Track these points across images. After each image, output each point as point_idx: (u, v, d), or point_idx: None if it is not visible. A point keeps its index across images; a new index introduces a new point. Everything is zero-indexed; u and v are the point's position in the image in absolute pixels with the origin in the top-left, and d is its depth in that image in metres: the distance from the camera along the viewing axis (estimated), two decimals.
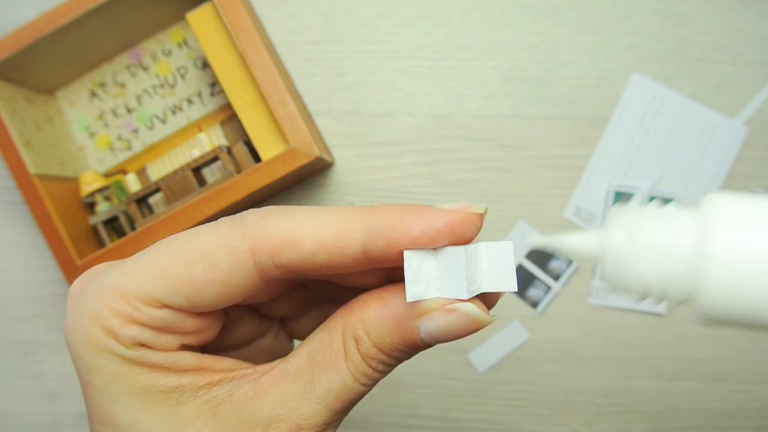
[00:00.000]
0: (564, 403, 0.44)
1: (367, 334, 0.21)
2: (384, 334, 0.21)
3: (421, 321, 0.21)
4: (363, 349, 0.21)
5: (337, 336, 0.21)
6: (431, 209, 0.20)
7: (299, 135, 0.39)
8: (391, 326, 0.21)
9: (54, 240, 0.41)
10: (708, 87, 0.44)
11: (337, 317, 0.22)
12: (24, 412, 0.47)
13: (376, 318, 0.21)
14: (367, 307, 0.21)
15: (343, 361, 0.21)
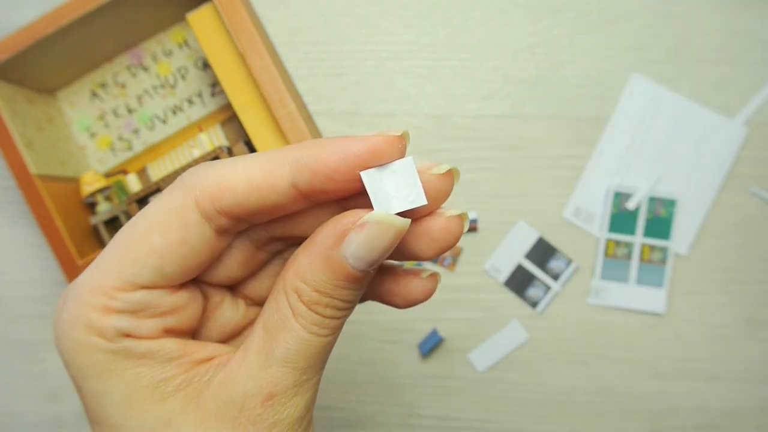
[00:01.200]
0: (563, 402, 0.44)
1: (304, 282, 0.21)
2: (318, 274, 0.21)
3: (342, 247, 0.21)
4: (305, 299, 0.21)
5: (282, 296, 0.22)
6: (351, 138, 0.21)
7: (299, 135, 0.39)
8: (320, 264, 0.21)
9: (55, 240, 0.41)
10: (707, 87, 0.44)
11: (279, 279, 0.22)
12: (25, 411, 0.48)
13: (307, 263, 0.21)
14: (298, 256, 0.22)
15: (291, 318, 0.21)
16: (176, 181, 0.22)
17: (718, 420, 0.43)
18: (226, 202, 0.21)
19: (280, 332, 0.21)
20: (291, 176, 0.21)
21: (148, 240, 0.21)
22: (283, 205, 0.21)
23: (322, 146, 0.21)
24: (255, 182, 0.21)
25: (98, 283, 0.21)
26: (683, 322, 0.44)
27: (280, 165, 0.21)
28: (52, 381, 0.47)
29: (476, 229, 0.45)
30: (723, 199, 0.44)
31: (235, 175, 0.21)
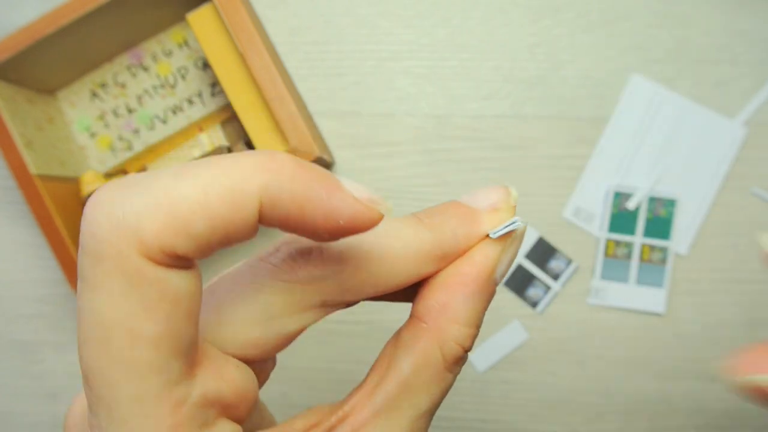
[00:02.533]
0: (563, 402, 0.44)
1: (467, 325, 0.20)
2: (478, 309, 0.20)
3: (497, 270, 0.20)
4: (468, 343, 0.20)
5: (432, 352, 0.20)
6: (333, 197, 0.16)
7: (299, 135, 0.39)
8: (480, 297, 0.20)
9: (55, 240, 0.41)
10: (707, 87, 0.44)
11: (412, 340, 0.20)
12: (25, 411, 0.48)
13: (463, 303, 0.20)
14: (449, 305, 0.20)
15: (443, 370, 0.20)
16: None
17: (718, 420, 0.43)
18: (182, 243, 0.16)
19: (426, 386, 0.20)
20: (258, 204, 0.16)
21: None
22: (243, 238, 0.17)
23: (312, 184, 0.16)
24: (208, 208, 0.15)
25: None
26: (683, 322, 0.44)
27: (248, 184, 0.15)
28: (52, 381, 0.47)
29: None
30: (723, 199, 0.44)
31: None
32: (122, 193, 0.15)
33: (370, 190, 0.17)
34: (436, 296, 0.20)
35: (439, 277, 0.20)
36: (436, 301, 0.20)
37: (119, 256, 0.14)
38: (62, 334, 0.47)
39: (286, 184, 0.16)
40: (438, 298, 0.20)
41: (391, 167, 0.46)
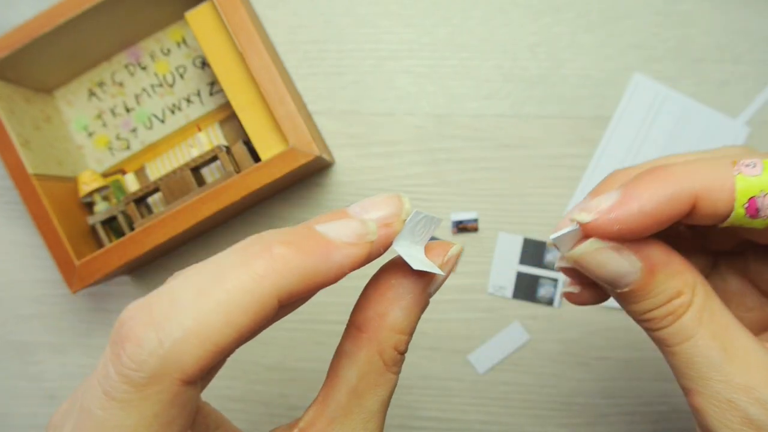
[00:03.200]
0: (565, 404, 0.44)
1: (404, 333, 0.22)
2: (414, 320, 0.22)
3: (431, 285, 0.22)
4: (403, 347, 0.22)
5: (373, 357, 0.22)
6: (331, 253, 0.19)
7: (299, 134, 0.39)
8: (416, 309, 0.22)
9: (52, 240, 0.40)
10: (709, 86, 0.44)
11: (354, 349, 0.22)
12: (22, 413, 0.47)
13: (402, 316, 0.22)
14: (386, 315, 0.22)
15: (386, 372, 0.22)
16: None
17: None
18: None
19: (372, 389, 0.22)
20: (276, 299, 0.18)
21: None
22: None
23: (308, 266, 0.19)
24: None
25: None
26: None
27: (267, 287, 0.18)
28: (49, 382, 0.47)
29: (477, 228, 0.45)
30: None
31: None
32: (154, 320, 0.17)
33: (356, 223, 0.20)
34: (374, 307, 0.22)
35: (376, 289, 0.22)
36: (375, 312, 0.22)
37: (162, 385, 0.17)
38: (60, 335, 0.47)
39: (295, 277, 0.18)
40: (376, 309, 0.22)
41: (390, 166, 0.45)
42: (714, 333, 0.21)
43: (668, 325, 0.21)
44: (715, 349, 0.21)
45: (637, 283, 0.21)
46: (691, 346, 0.21)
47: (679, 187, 0.20)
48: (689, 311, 0.21)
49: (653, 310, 0.21)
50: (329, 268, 0.19)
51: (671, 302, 0.21)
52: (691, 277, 0.21)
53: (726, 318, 0.21)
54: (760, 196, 0.20)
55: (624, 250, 0.21)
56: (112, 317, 0.47)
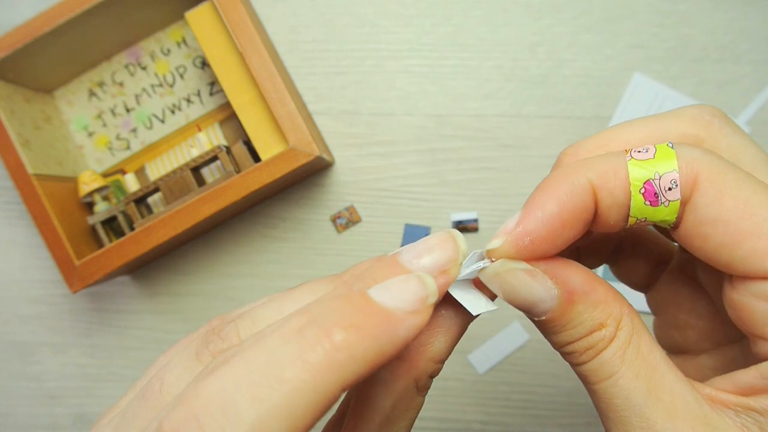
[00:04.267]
0: (565, 404, 0.44)
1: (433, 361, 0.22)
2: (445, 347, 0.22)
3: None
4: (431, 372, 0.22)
5: (410, 385, 0.22)
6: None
7: (299, 134, 0.39)
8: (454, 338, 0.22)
9: (52, 240, 0.40)
10: (709, 86, 0.44)
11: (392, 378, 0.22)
12: (23, 413, 0.47)
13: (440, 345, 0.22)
14: (428, 345, 0.21)
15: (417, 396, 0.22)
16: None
17: None
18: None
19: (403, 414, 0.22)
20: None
21: None
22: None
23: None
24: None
25: None
26: None
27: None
28: (49, 382, 0.47)
29: (477, 229, 0.45)
30: None
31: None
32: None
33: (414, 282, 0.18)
34: (418, 338, 0.21)
35: None
36: (418, 341, 0.21)
37: None
38: (59, 335, 0.47)
39: (359, 365, 0.16)
40: (420, 339, 0.21)
41: (390, 166, 0.45)
42: (637, 372, 0.19)
43: (588, 360, 0.20)
44: (638, 390, 0.19)
45: (554, 312, 0.19)
46: (611, 386, 0.19)
47: (575, 181, 0.19)
48: (611, 346, 0.19)
49: (572, 343, 0.20)
50: (394, 346, 0.17)
51: (592, 335, 0.19)
52: (616, 308, 0.20)
53: (654, 356, 0.19)
54: (655, 179, 0.19)
55: (538, 274, 0.19)
56: (112, 317, 0.47)
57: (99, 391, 0.47)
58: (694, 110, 0.21)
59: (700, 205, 0.19)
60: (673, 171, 0.19)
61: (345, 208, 0.45)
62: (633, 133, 0.21)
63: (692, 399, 0.19)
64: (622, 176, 0.19)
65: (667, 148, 0.19)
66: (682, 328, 0.25)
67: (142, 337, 0.47)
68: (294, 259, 0.46)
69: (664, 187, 0.19)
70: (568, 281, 0.19)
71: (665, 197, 0.19)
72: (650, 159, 0.19)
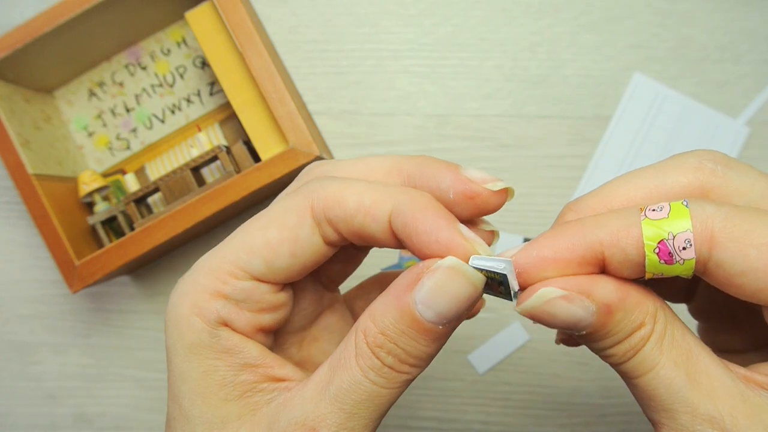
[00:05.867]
0: (565, 404, 0.44)
1: (373, 322, 0.21)
2: (387, 316, 0.21)
3: (413, 292, 0.21)
4: (370, 339, 0.21)
5: (352, 335, 0.22)
6: (448, 224, 0.21)
7: (299, 134, 0.39)
8: (391, 306, 0.21)
9: (52, 240, 0.40)
10: (710, 86, 0.44)
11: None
12: (22, 413, 0.47)
13: (380, 303, 0.21)
14: (377, 298, 0.22)
15: (353, 357, 0.21)
16: (301, 185, 0.24)
17: None
18: (334, 214, 0.22)
19: (339, 369, 0.22)
20: (389, 215, 0.22)
21: (265, 232, 0.23)
22: (379, 238, 0.22)
23: (422, 209, 0.21)
24: (362, 206, 0.22)
25: (212, 265, 0.23)
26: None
27: (385, 201, 0.22)
28: (49, 382, 0.47)
29: None
30: None
31: (351, 193, 0.22)
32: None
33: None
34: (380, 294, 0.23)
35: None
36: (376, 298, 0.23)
37: None
38: (59, 335, 0.47)
39: (410, 203, 0.22)
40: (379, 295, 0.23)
41: None
42: (676, 360, 0.20)
43: (629, 358, 0.21)
44: (678, 378, 0.20)
45: (595, 325, 0.20)
46: (653, 378, 0.20)
47: (584, 241, 0.20)
48: (650, 342, 0.20)
49: (614, 347, 0.21)
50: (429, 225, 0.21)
51: (632, 336, 0.20)
52: (651, 305, 0.21)
53: (688, 341, 0.21)
54: (669, 239, 0.19)
55: (575, 296, 0.20)
56: (112, 317, 0.47)
57: (99, 391, 0.47)
58: (694, 159, 0.22)
59: (725, 261, 0.19)
60: (687, 231, 0.19)
61: None
62: (636, 190, 0.22)
63: (728, 378, 0.20)
64: (635, 235, 0.20)
65: (681, 206, 0.20)
66: (727, 332, 0.26)
67: (142, 337, 0.47)
68: None
69: (678, 247, 0.19)
70: (603, 294, 0.20)
71: (680, 256, 0.19)
72: (664, 218, 0.19)
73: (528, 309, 0.21)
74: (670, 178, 0.21)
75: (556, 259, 0.20)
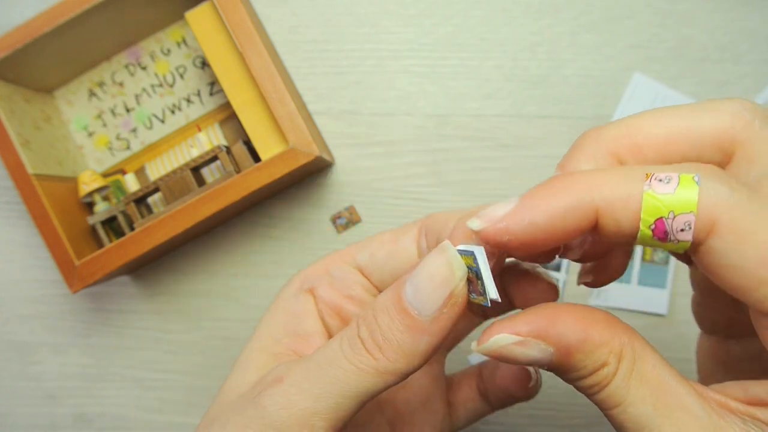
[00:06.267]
0: (565, 404, 0.44)
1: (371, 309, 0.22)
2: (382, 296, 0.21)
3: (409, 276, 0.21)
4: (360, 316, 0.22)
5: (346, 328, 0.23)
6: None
7: (299, 134, 0.39)
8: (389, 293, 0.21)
9: (52, 240, 0.40)
10: (710, 86, 0.44)
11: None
12: (22, 413, 0.47)
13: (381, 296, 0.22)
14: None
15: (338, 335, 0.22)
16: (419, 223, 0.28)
17: None
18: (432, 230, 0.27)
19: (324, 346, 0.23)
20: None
21: (382, 235, 0.29)
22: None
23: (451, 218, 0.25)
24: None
25: (342, 252, 0.29)
26: (685, 323, 0.44)
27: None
28: (49, 382, 0.47)
29: None
30: None
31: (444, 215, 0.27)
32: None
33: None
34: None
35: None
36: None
37: None
38: (59, 335, 0.47)
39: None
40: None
41: (390, 167, 0.45)
42: (643, 397, 0.19)
43: (596, 392, 0.20)
44: (645, 414, 0.19)
45: (555, 364, 0.20)
46: (621, 412, 0.20)
47: (576, 200, 0.19)
48: (615, 380, 0.20)
49: (579, 380, 0.20)
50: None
51: (596, 374, 0.20)
52: (616, 343, 0.20)
53: (661, 375, 0.20)
54: (668, 218, 0.18)
55: (530, 342, 0.20)
56: (112, 317, 0.47)
57: (99, 391, 0.47)
58: (734, 105, 0.20)
59: (717, 251, 0.18)
60: (690, 213, 0.18)
61: (345, 208, 0.45)
62: (662, 127, 0.20)
63: (701, 410, 0.19)
64: (632, 208, 0.18)
65: (691, 181, 0.18)
66: (713, 311, 0.25)
67: (142, 337, 0.47)
68: (294, 259, 0.46)
69: (677, 228, 0.18)
70: (561, 338, 0.20)
71: (675, 237, 0.18)
72: (668, 194, 0.18)
73: (484, 351, 0.20)
74: (702, 121, 0.20)
75: (546, 227, 0.19)
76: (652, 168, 0.19)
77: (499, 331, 0.20)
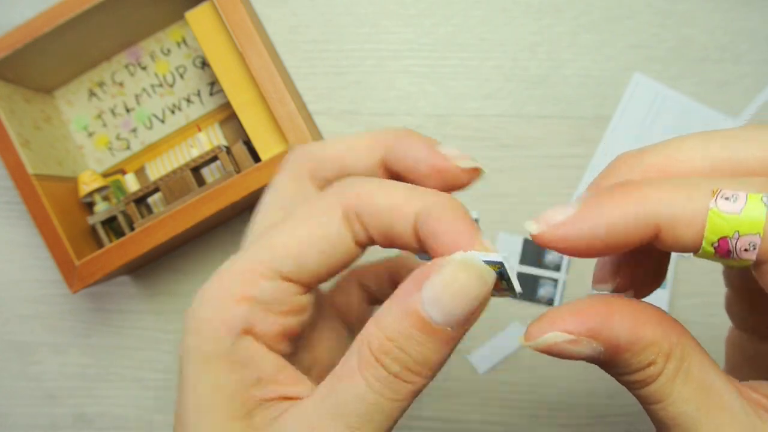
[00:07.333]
0: (565, 404, 0.44)
1: (378, 328, 0.20)
2: (392, 319, 0.20)
3: (421, 291, 0.19)
4: (375, 346, 0.20)
5: (355, 345, 0.20)
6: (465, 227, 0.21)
7: (299, 134, 0.39)
8: (396, 308, 0.20)
9: (52, 240, 0.40)
10: (710, 86, 0.44)
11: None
12: (22, 413, 0.47)
13: (386, 307, 0.20)
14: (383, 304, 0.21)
15: (357, 368, 0.20)
16: (332, 185, 0.23)
17: None
18: (366, 211, 0.22)
19: (342, 381, 0.20)
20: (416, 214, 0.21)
21: (294, 231, 0.22)
22: (405, 239, 0.22)
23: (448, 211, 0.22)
24: (393, 204, 0.21)
25: (244, 267, 0.22)
26: (685, 323, 0.43)
27: (414, 200, 0.21)
28: (49, 382, 0.47)
29: None
30: None
31: (381, 192, 0.22)
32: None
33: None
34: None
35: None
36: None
37: None
38: (59, 335, 0.47)
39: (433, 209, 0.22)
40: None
41: None
42: (687, 396, 0.19)
43: (639, 388, 0.20)
44: (686, 414, 0.19)
45: (603, 360, 0.20)
46: (661, 409, 0.20)
47: (640, 212, 0.18)
48: (660, 378, 0.20)
49: (624, 375, 0.20)
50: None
51: (642, 371, 0.20)
52: (665, 344, 0.20)
53: (708, 376, 0.20)
54: (733, 238, 0.17)
55: (582, 341, 0.19)
56: (112, 317, 0.47)
57: (99, 391, 0.47)
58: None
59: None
60: (756, 234, 0.17)
61: None
62: (707, 159, 0.19)
63: (742, 412, 0.19)
64: (697, 227, 0.18)
65: (759, 202, 0.17)
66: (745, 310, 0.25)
67: (142, 337, 0.47)
68: None
69: (741, 248, 0.18)
70: (612, 337, 0.19)
71: (738, 255, 0.18)
72: (735, 214, 0.17)
73: (534, 347, 0.20)
74: (746, 151, 0.19)
75: (606, 237, 0.19)
76: (718, 182, 0.18)
77: (551, 328, 0.19)
